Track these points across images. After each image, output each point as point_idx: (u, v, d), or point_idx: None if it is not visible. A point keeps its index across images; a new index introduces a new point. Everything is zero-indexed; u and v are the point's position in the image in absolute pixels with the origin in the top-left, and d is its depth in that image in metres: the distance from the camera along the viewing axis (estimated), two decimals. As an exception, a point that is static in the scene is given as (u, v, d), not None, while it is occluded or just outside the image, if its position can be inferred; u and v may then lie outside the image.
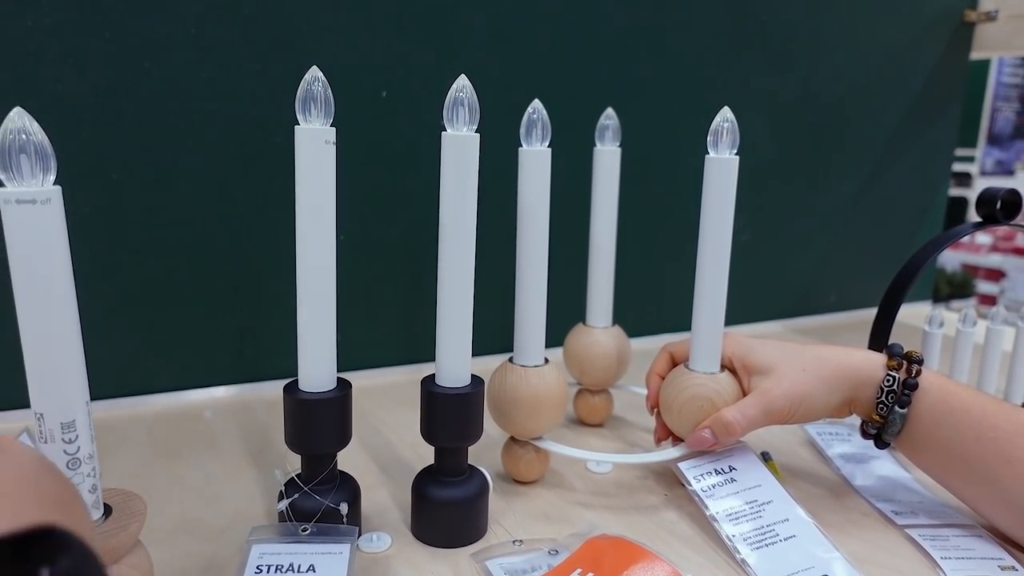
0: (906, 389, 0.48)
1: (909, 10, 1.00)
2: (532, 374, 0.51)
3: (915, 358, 0.49)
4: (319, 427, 0.43)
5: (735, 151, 0.49)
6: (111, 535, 0.32)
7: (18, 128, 0.27)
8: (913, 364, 0.48)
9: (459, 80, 0.42)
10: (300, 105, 0.40)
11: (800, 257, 1.01)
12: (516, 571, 0.43)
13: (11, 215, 0.27)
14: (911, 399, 0.48)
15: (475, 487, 0.46)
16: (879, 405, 0.49)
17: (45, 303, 0.28)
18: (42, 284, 0.28)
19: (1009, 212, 0.58)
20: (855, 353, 0.51)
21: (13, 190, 0.27)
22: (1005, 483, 0.45)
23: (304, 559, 0.40)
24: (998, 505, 0.46)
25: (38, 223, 0.28)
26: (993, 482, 0.46)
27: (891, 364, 0.49)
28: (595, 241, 0.63)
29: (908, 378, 0.48)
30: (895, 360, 0.49)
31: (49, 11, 0.56)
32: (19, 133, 0.27)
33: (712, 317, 0.51)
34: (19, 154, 0.27)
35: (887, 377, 0.48)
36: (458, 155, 0.42)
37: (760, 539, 0.45)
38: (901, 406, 0.48)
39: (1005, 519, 0.47)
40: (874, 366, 0.49)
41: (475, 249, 0.44)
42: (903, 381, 0.48)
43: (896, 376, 0.48)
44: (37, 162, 0.28)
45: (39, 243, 0.28)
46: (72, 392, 0.30)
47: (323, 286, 0.42)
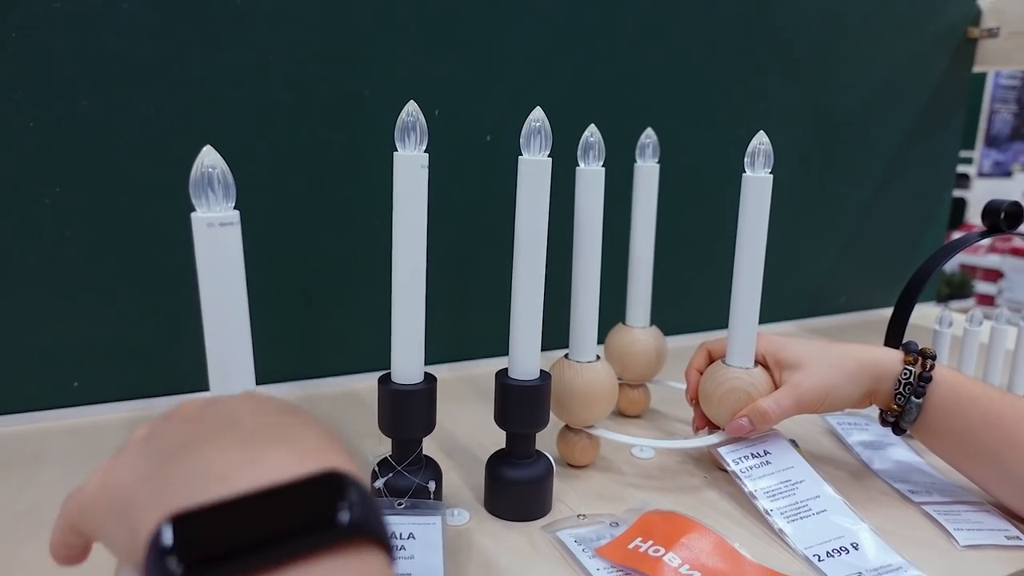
0: (921, 381, 0.54)
1: (916, 27, 1.06)
2: (587, 369, 0.57)
3: (929, 354, 0.55)
4: (410, 415, 0.49)
5: (769, 170, 0.55)
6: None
7: (209, 163, 0.33)
8: (927, 359, 0.54)
9: (535, 112, 0.48)
10: (398, 134, 0.46)
11: (813, 261, 1.08)
12: (584, 539, 0.49)
13: (201, 234, 0.33)
14: (926, 390, 0.54)
15: (542, 468, 0.52)
16: (897, 396, 0.55)
17: (225, 305, 0.34)
18: (224, 290, 0.34)
19: (1012, 222, 0.64)
20: (876, 350, 0.57)
21: (204, 215, 0.33)
22: (1009, 464, 0.51)
23: (404, 528, 0.46)
24: (1004, 484, 0.53)
25: (223, 241, 0.34)
26: (999, 463, 0.52)
27: (908, 359, 0.55)
28: (635, 248, 0.69)
29: (923, 372, 0.54)
30: (911, 356, 0.55)
31: (146, 39, 0.62)
32: (209, 167, 0.33)
33: (748, 317, 0.57)
34: (208, 185, 0.33)
35: (904, 371, 0.54)
36: (533, 176, 0.48)
37: (795, 513, 0.52)
38: (917, 396, 0.54)
39: (1010, 496, 0.53)
40: (893, 361, 0.55)
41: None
42: (918, 374, 0.54)
43: (912, 370, 0.54)
44: (222, 191, 0.33)
45: (223, 257, 0.34)
46: (241, 375, 0.36)
47: (415, 292, 0.48)
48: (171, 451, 0.25)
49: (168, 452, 0.25)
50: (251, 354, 0.36)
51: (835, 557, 0.48)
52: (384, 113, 0.72)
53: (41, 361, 0.63)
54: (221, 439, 0.24)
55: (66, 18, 0.59)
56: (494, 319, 0.79)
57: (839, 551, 0.48)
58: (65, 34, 0.59)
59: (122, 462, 0.26)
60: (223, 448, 0.24)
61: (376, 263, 0.75)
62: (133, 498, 0.24)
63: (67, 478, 0.55)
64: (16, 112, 0.59)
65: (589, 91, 0.83)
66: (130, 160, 0.63)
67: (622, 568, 0.46)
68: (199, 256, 0.34)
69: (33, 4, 0.58)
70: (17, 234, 0.61)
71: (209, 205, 0.33)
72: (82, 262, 0.63)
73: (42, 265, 0.62)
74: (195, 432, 0.25)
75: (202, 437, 0.25)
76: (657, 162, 0.67)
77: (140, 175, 0.64)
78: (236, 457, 0.23)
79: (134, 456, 0.26)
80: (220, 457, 0.23)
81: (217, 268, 0.34)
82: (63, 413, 0.65)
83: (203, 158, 0.33)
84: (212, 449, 0.24)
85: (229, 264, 0.34)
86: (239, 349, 0.36)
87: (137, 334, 0.66)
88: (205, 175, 0.33)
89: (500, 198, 0.76)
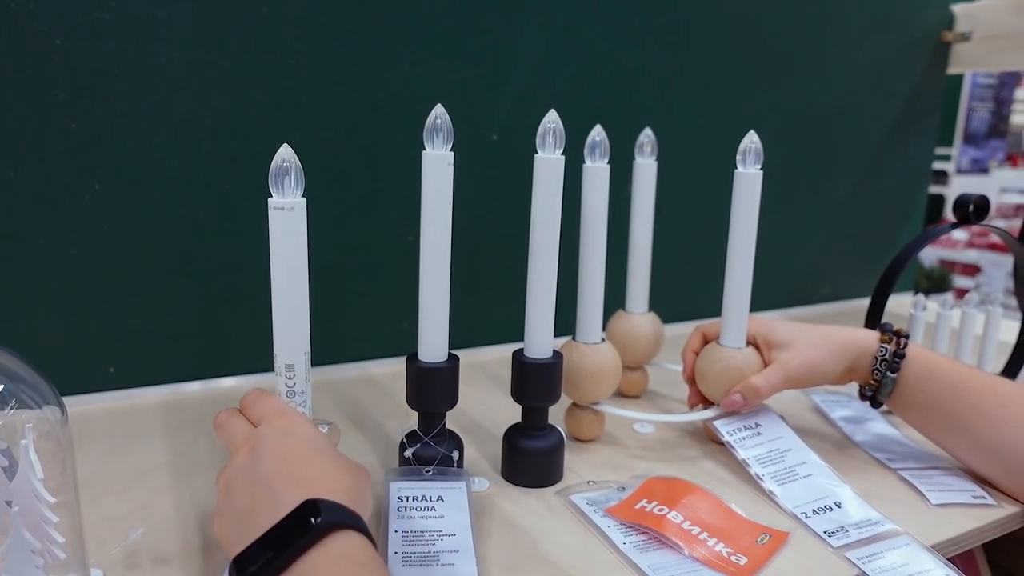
0: (895, 358, 0.59)
1: (893, 31, 1.12)
2: (593, 350, 0.62)
3: (903, 333, 0.60)
4: (435, 390, 0.54)
5: (759, 167, 0.61)
6: (331, 435, 0.50)
7: (286, 157, 0.39)
8: (901, 338, 0.60)
9: (550, 114, 0.53)
10: (427, 134, 0.51)
11: (797, 253, 1.13)
12: (595, 502, 0.54)
13: (275, 217, 0.39)
14: (900, 366, 0.59)
15: (555, 439, 0.57)
16: (874, 372, 0.60)
17: (291, 281, 0.40)
18: (291, 267, 0.40)
19: (980, 215, 0.70)
20: (856, 331, 0.62)
21: (279, 200, 0.40)
22: (976, 431, 0.57)
23: (433, 492, 0.51)
24: (971, 449, 0.58)
25: (291, 225, 0.40)
26: (966, 430, 0.57)
27: (884, 338, 0.61)
28: (634, 240, 0.74)
29: (897, 349, 0.60)
30: (887, 335, 0.61)
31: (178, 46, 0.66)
32: (285, 161, 0.39)
33: (740, 301, 0.63)
34: (284, 175, 0.39)
35: (880, 348, 0.60)
36: (548, 173, 0.53)
37: (784, 476, 0.57)
38: (892, 371, 0.59)
39: (977, 460, 0.58)
40: (870, 340, 0.61)
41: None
42: (893, 351, 0.60)
43: (888, 348, 0.60)
44: (295, 181, 0.39)
45: (291, 238, 0.39)
46: (296, 345, 0.43)
47: (441, 279, 0.53)
48: (239, 512, 0.39)
49: (237, 512, 0.39)
50: (306, 325, 0.42)
51: (820, 514, 0.53)
52: (399, 113, 0.77)
53: (80, 347, 0.68)
54: (264, 504, 0.38)
55: (106, 27, 0.63)
56: (498, 309, 0.84)
57: (824, 509, 0.54)
58: (105, 41, 0.63)
59: (218, 518, 0.41)
60: (264, 506, 0.38)
61: (392, 256, 0.80)
62: (225, 543, 0.40)
63: (113, 454, 0.59)
64: (59, 114, 0.63)
65: (590, 92, 0.88)
66: (164, 159, 0.68)
67: (631, 525, 0.51)
68: (272, 235, 0.39)
69: (75, 14, 0.62)
70: (60, 228, 0.65)
71: (283, 193, 0.39)
72: (119, 254, 0.68)
73: (82, 257, 0.66)
74: (251, 494, 0.39)
75: (255, 500, 0.39)
76: (655, 159, 0.72)
77: (174, 172, 0.68)
78: (271, 504, 0.38)
79: (223, 513, 0.40)
80: (263, 511, 0.38)
81: (285, 247, 0.39)
82: (101, 397, 0.69)
83: (282, 153, 0.39)
84: (261, 511, 0.38)
85: (296, 245, 0.40)
86: (300, 316, 0.43)
87: (170, 323, 0.71)
88: (283, 167, 0.39)
89: (505, 195, 0.82)
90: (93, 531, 0.48)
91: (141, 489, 0.54)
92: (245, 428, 0.44)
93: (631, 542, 0.49)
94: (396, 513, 0.49)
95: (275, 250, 0.42)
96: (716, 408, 0.64)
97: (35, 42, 0.61)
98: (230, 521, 0.39)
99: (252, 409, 0.45)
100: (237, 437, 0.43)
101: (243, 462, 0.41)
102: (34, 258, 0.65)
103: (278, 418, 0.43)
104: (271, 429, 0.42)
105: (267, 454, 0.40)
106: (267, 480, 0.39)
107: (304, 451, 0.41)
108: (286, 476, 0.39)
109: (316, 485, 0.39)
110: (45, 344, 0.66)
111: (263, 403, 0.45)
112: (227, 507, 0.40)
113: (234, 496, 0.40)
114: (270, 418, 0.43)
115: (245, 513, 0.39)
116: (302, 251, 0.43)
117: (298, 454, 0.41)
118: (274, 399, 0.46)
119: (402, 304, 0.51)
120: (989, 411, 0.56)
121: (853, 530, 0.51)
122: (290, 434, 0.42)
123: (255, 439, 0.42)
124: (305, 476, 0.39)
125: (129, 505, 0.52)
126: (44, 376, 0.35)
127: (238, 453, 0.42)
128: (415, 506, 0.50)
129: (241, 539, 0.37)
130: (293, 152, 0.40)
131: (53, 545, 0.33)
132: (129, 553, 0.46)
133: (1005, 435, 0.55)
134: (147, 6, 0.64)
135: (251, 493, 0.39)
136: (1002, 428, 0.55)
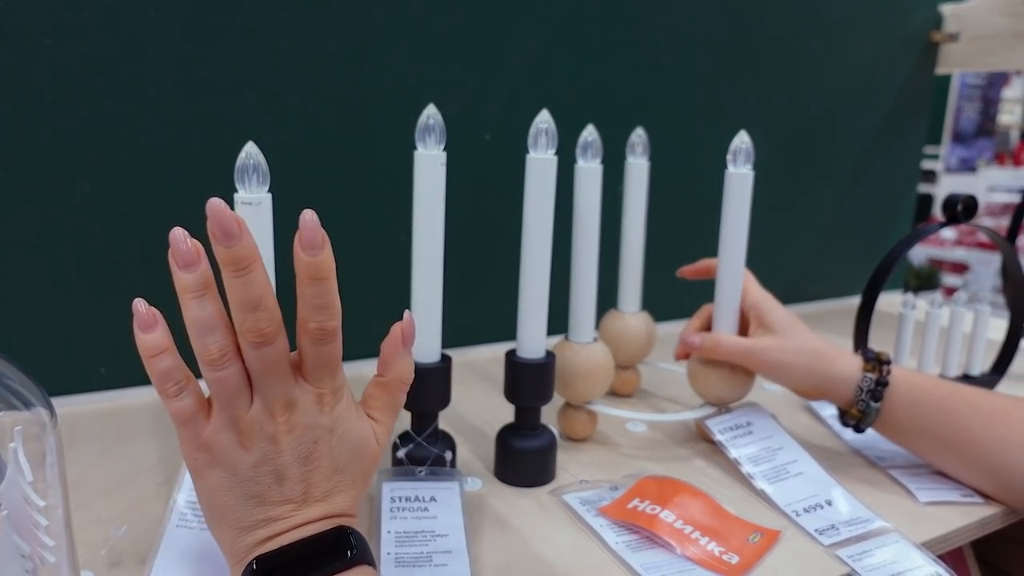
0: (879, 386, 0.57)
1: (882, 32, 1.13)
2: (586, 349, 0.62)
3: (884, 359, 0.58)
4: (427, 391, 0.54)
5: (750, 167, 0.61)
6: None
7: (251, 153, 0.40)
8: (883, 364, 0.58)
9: (542, 114, 0.53)
10: (419, 134, 0.51)
11: (788, 251, 1.14)
12: (587, 501, 0.54)
13: (240, 212, 0.41)
14: (883, 394, 0.58)
15: (548, 439, 0.57)
16: (858, 402, 0.58)
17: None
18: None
19: (968, 214, 0.71)
20: (840, 357, 0.60)
21: (244, 195, 0.41)
22: (965, 453, 0.56)
23: (426, 492, 0.51)
24: (963, 470, 0.57)
25: (258, 219, 0.41)
26: (955, 453, 0.57)
27: (866, 367, 0.58)
28: (627, 239, 0.74)
29: (880, 377, 0.58)
30: (870, 363, 0.59)
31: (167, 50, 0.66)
32: (249, 157, 0.39)
33: (731, 300, 0.63)
34: (251, 172, 0.39)
35: (864, 378, 0.58)
36: (541, 173, 0.53)
37: (775, 475, 0.57)
38: (875, 400, 0.58)
39: (969, 479, 0.57)
40: (853, 368, 0.59)
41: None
42: (876, 380, 0.58)
43: (871, 377, 0.58)
44: (259, 177, 0.40)
45: (258, 232, 0.40)
46: None
47: (433, 279, 0.53)
48: (271, 469, 0.37)
49: (271, 467, 0.37)
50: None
51: (812, 512, 0.54)
52: (391, 112, 0.77)
53: (70, 348, 0.67)
54: (293, 488, 0.37)
55: (95, 26, 0.63)
56: (491, 308, 0.84)
57: (815, 507, 0.54)
58: (93, 41, 0.63)
59: (240, 450, 0.37)
60: (291, 491, 0.37)
61: (385, 255, 0.79)
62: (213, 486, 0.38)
63: (105, 455, 0.59)
64: (48, 114, 0.62)
65: (582, 92, 0.88)
66: (154, 158, 0.67)
67: (623, 524, 0.51)
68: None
69: (64, 14, 0.61)
70: (49, 228, 0.65)
71: (248, 188, 0.39)
72: (109, 254, 0.67)
73: (72, 257, 0.66)
74: (299, 466, 0.37)
75: (290, 477, 0.37)
76: (647, 159, 0.73)
77: (164, 172, 0.68)
78: (298, 494, 0.37)
79: (250, 448, 0.37)
80: (286, 495, 0.37)
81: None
82: (91, 397, 0.68)
83: (247, 149, 0.39)
84: (286, 493, 0.37)
85: (262, 239, 0.41)
86: None
87: (159, 323, 0.70)
88: (247, 164, 0.39)
89: (498, 194, 0.81)
90: (83, 533, 0.48)
91: (132, 490, 0.54)
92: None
93: (624, 541, 0.49)
94: (389, 514, 0.49)
95: None
96: (708, 407, 0.64)
97: (23, 41, 0.60)
98: (246, 467, 0.35)
99: (388, 364, 0.41)
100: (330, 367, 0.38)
101: (323, 422, 0.37)
102: (23, 258, 0.64)
103: (347, 397, 0.39)
104: (351, 408, 0.39)
105: (342, 435, 0.37)
106: (322, 462, 0.36)
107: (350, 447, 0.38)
108: (333, 477, 0.37)
109: (343, 497, 0.38)
110: (34, 344, 0.66)
111: (396, 360, 0.41)
112: (261, 450, 0.35)
113: (281, 449, 0.36)
114: (343, 390, 0.39)
115: (269, 479, 0.36)
116: (268, 245, 0.43)
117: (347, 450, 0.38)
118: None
119: (395, 303, 0.51)
120: (976, 433, 0.55)
121: (844, 528, 0.52)
122: (360, 418, 0.39)
123: (343, 406, 0.38)
124: (339, 484, 0.38)
125: (120, 506, 0.52)
126: (32, 377, 0.35)
127: (320, 402, 0.37)
128: (408, 507, 0.50)
129: (241, 504, 0.35)
130: (258, 148, 0.41)
131: (42, 549, 0.33)
132: (118, 554, 0.46)
133: (994, 457, 0.54)
134: (136, 5, 0.64)
135: (300, 465, 0.36)
136: (990, 449, 0.55)
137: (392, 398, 0.41)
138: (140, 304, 0.36)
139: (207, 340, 0.35)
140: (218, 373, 0.35)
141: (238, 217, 0.34)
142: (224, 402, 0.36)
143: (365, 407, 0.41)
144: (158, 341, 0.36)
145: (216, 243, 0.34)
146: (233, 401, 0.36)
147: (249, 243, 0.34)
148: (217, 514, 0.37)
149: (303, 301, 0.36)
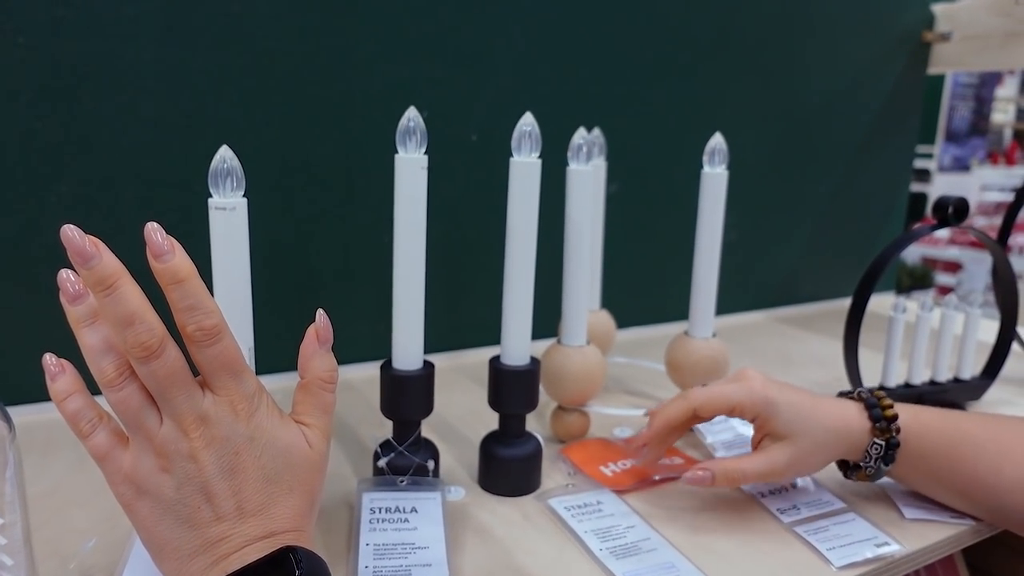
0: (889, 450, 0.54)
1: (874, 31, 1.12)
2: (578, 352, 0.61)
3: (891, 416, 0.54)
4: (409, 399, 0.53)
5: (725, 167, 0.61)
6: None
7: (225, 158, 0.38)
8: (891, 424, 0.54)
9: (526, 116, 0.52)
10: (399, 137, 0.49)
11: (780, 253, 1.13)
12: (573, 506, 0.53)
13: (215, 217, 0.39)
14: (895, 456, 0.54)
15: (533, 447, 0.56)
16: (867, 468, 0.55)
17: (233, 281, 0.41)
18: (233, 267, 0.41)
19: (959, 216, 0.70)
20: (849, 423, 0.54)
21: (219, 200, 0.40)
22: (974, 497, 0.54)
23: (407, 503, 0.50)
24: (975, 510, 0.55)
25: (231, 224, 0.40)
26: (965, 495, 0.55)
27: (875, 432, 0.54)
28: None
29: (890, 439, 0.54)
30: (877, 427, 0.54)
31: (149, 47, 0.65)
32: (223, 161, 0.38)
33: (707, 296, 0.65)
34: (224, 177, 0.38)
35: (875, 445, 0.54)
36: (524, 176, 0.52)
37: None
38: (887, 463, 0.54)
39: (973, 512, 0.55)
40: (862, 433, 0.54)
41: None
42: (886, 445, 0.54)
43: (881, 443, 0.54)
44: (234, 182, 0.39)
45: (233, 237, 0.39)
46: (242, 338, 0.42)
47: (415, 285, 0.52)
48: (198, 488, 0.36)
49: (196, 487, 0.36)
50: (251, 321, 0.43)
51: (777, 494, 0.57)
52: (375, 113, 0.76)
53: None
54: (226, 508, 0.36)
55: (71, 25, 0.61)
56: (481, 310, 0.83)
57: (781, 489, 0.58)
58: (70, 40, 0.61)
59: (162, 474, 0.36)
60: (226, 512, 0.36)
61: (369, 258, 0.78)
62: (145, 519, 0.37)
63: (79, 463, 0.58)
64: (22, 115, 0.61)
65: (570, 93, 0.87)
66: (133, 159, 0.66)
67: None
68: (213, 236, 0.39)
69: (38, 12, 0.60)
70: (24, 232, 0.63)
71: (223, 193, 0.38)
72: (86, 258, 0.66)
73: (47, 260, 0.64)
74: (227, 484, 0.36)
75: (221, 497, 0.36)
76: (605, 159, 0.72)
77: (143, 174, 0.67)
78: (232, 513, 0.36)
79: (172, 471, 0.36)
80: (221, 518, 0.35)
81: (227, 248, 0.39)
82: (69, 404, 0.67)
83: (220, 153, 0.38)
84: (220, 516, 0.35)
85: (237, 245, 0.40)
86: (243, 316, 0.42)
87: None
88: (221, 168, 0.38)
89: (485, 195, 0.80)
90: (56, 544, 0.47)
91: (106, 500, 0.53)
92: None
93: (607, 548, 0.49)
94: (368, 525, 0.48)
95: (216, 250, 0.42)
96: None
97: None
98: (170, 490, 0.35)
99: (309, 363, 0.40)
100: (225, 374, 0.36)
101: (241, 431, 0.36)
102: (-3, 262, 0.63)
103: (265, 405, 0.38)
104: (272, 414, 0.38)
105: (266, 443, 0.36)
106: (249, 473, 0.35)
107: (268, 476, 0.37)
108: (266, 488, 0.36)
109: (283, 509, 0.36)
110: (8, 350, 0.65)
111: (313, 360, 0.40)
112: (182, 470, 0.35)
113: (202, 466, 0.35)
114: (258, 397, 0.37)
115: (196, 499, 0.35)
116: (244, 251, 0.42)
117: (256, 483, 0.36)
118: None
119: (378, 307, 0.50)
120: (984, 478, 0.53)
121: (804, 508, 0.55)
122: (285, 423, 0.38)
123: (262, 414, 0.37)
124: (273, 494, 0.36)
125: (94, 517, 0.51)
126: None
127: (234, 411, 0.36)
128: (388, 518, 0.49)
129: (175, 535, 0.34)
130: (233, 153, 0.40)
131: (1, 568, 0.32)
132: (88, 567, 0.45)
133: (1006, 501, 0.53)
134: (114, 3, 0.62)
135: (228, 482, 0.35)
136: (1002, 493, 0.53)
137: (317, 399, 0.40)
138: (48, 358, 0.38)
139: (103, 363, 0.35)
140: (118, 394, 0.35)
141: (93, 238, 0.34)
142: (132, 424, 0.36)
143: (294, 413, 0.40)
144: (66, 386, 0.37)
145: (77, 267, 0.34)
146: (139, 421, 0.35)
147: (110, 261, 0.34)
148: (157, 548, 0.36)
149: (174, 308, 0.36)
